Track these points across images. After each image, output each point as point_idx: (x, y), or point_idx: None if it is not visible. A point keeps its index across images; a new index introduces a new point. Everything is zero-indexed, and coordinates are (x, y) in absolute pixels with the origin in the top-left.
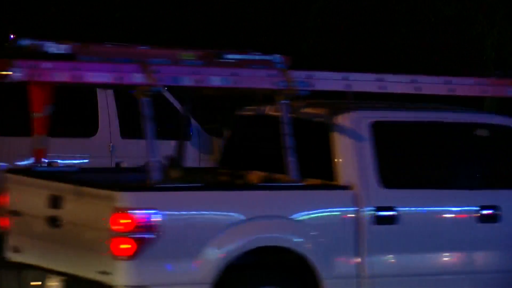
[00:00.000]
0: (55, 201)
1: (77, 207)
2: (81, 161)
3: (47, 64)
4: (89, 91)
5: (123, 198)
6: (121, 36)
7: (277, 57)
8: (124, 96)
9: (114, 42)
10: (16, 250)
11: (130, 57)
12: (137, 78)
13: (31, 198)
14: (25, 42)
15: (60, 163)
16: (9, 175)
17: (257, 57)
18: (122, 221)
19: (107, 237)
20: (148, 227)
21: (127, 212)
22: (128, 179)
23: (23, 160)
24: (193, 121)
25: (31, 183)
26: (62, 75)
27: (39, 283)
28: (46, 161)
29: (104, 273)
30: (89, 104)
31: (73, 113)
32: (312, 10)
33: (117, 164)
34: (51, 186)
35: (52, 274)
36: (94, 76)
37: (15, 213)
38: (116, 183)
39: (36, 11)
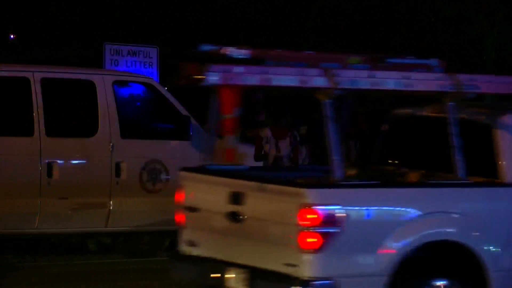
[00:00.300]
0: (236, 198)
1: (260, 203)
2: (79, 161)
3: (239, 68)
4: (89, 91)
5: (310, 194)
6: (121, 36)
7: (434, 61)
8: (124, 96)
9: (114, 42)
10: (192, 244)
11: (306, 62)
12: (320, 81)
13: (209, 194)
14: (208, 47)
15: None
16: (184, 173)
17: (417, 61)
18: (309, 216)
19: (294, 232)
20: (333, 222)
21: (314, 208)
22: (303, 176)
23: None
24: (193, 121)
25: (208, 181)
26: (252, 78)
27: (218, 275)
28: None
29: (290, 265)
30: (89, 104)
31: (73, 113)
32: (312, 10)
33: (117, 164)
34: (231, 183)
35: (232, 267)
36: (281, 79)
37: (191, 209)
38: (301, 180)
39: (36, 11)
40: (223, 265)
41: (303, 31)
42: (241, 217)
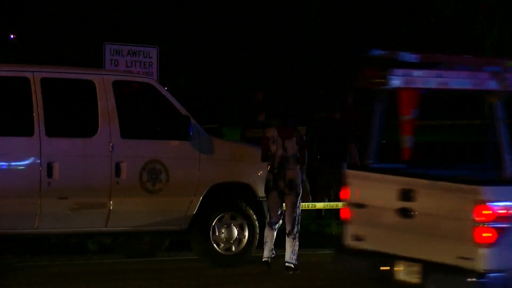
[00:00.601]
0: (407, 194)
1: (432, 199)
2: (79, 161)
3: (418, 72)
4: (89, 91)
5: (485, 191)
6: (121, 36)
7: None
8: (124, 96)
9: (114, 42)
10: (359, 238)
11: (470, 65)
12: (492, 84)
13: (377, 191)
14: (378, 52)
15: None
16: (350, 172)
17: None
18: (484, 212)
19: (469, 227)
20: (507, 217)
21: (489, 204)
22: (465, 174)
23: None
24: (193, 121)
25: (375, 178)
26: (431, 82)
27: (388, 268)
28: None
29: (464, 258)
30: (89, 104)
31: (73, 113)
32: (312, 10)
33: (117, 164)
34: (400, 181)
35: (401, 260)
36: (457, 83)
37: (357, 205)
38: (476, 178)
39: (36, 11)
40: (392, 259)
41: (303, 31)
42: (411, 213)
